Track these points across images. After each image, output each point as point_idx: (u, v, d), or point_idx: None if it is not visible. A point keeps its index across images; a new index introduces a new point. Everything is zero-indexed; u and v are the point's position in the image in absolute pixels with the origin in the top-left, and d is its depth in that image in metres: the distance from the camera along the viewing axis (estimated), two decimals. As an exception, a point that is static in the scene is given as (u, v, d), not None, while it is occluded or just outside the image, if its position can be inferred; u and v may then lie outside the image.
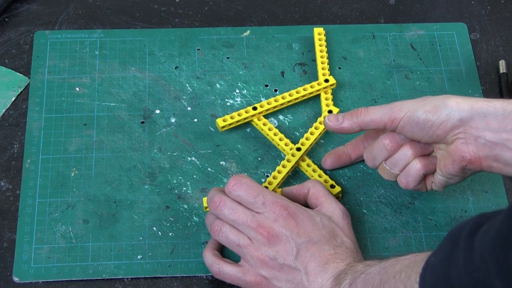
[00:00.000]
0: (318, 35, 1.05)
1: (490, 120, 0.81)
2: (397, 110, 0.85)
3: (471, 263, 0.61)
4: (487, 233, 0.61)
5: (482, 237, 0.61)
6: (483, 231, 0.62)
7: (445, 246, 0.66)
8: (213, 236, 0.86)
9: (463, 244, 0.63)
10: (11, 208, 0.92)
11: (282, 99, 0.99)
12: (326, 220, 0.85)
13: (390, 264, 0.75)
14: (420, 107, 0.84)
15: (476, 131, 0.82)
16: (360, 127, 0.88)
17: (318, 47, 1.04)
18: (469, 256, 0.62)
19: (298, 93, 1.00)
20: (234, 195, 0.85)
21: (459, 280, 0.62)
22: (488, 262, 0.59)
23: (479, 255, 0.60)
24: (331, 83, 1.01)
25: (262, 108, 0.99)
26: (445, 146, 0.85)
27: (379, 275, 0.75)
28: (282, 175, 0.93)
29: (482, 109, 0.81)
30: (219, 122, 0.98)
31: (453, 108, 0.82)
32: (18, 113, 1.00)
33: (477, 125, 0.81)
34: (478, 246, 0.61)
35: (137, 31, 1.07)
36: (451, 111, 0.82)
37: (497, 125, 0.80)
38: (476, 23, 1.10)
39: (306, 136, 0.97)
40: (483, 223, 0.63)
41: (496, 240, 0.59)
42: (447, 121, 0.82)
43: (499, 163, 0.82)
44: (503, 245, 0.58)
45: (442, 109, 0.82)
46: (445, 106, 0.82)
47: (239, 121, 0.98)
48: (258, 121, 0.98)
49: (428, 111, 0.83)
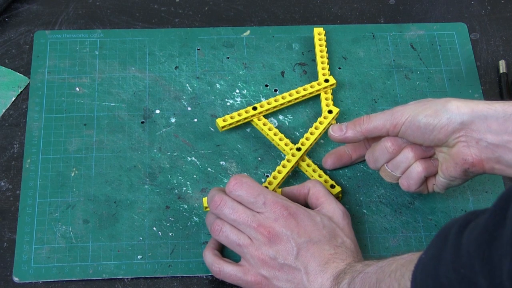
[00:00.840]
0: (318, 35, 1.05)
1: (491, 122, 0.81)
2: (399, 115, 0.85)
3: (458, 259, 0.62)
4: (474, 230, 0.61)
5: (469, 233, 0.62)
6: (470, 227, 0.62)
7: (436, 244, 0.67)
8: (214, 236, 0.86)
9: (452, 241, 0.64)
10: (11, 208, 0.92)
11: (282, 99, 0.99)
12: (326, 220, 0.85)
13: (387, 263, 0.76)
14: (421, 111, 0.84)
15: (477, 133, 0.82)
16: (363, 135, 0.89)
17: (318, 47, 1.04)
18: (456, 253, 0.62)
19: (298, 93, 1.00)
20: (234, 195, 0.85)
21: (446, 276, 0.63)
22: (474, 258, 0.60)
23: (466, 251, 0.61)
24: (331, 83, 1.01)
25: (262, 108, 0.99)
26: (447, 149, 0.85)
27: (376, 274, 0.76)
28: (282, 175, 0.93)
29: (482, 112, 0.81)
30: (219, 122, 0.98)
31: (453, 111, 0.82)
32: (18, 113, 1.00)
33: (478, 128, 0.81)
34: (465, 243, 0.62)
35: (137, 31, 1.07)
36: (452, 114, 0.82)
37: (498, 127, 0.81)
38: (476, 23, 1.10)
39: (306, 136, 0.97)
40: (472, 220, 0.63)
41: (482, 236, 0.60)
42: (448, 124, 0.83)
43: (501, 165, 0.82)
44: (488, 241, 0.59)
45: (443, 113, 0.83)
46: (446, 110, 0.83)
47: (239, 121, 0.98)
48: (258, 121, 0.98)
49: (429, 115, 0.83)
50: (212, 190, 0.88)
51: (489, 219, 0.60)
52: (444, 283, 0.63)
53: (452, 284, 0.62)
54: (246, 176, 0.87)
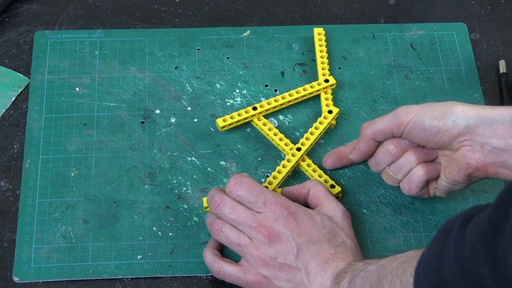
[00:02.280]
0: (318, 35, 1.05)
1: (497, 126, 0.81)
2: (403, 115, 0.85)
3: (461, 253, 0.61)
4: (477, 223, 0.61)
5: (472, 227, 0.62)
6: (474, 221, 0.62)
7: (438, 238, 0.67)
8: (214, 236, 0.86)
9: (454, 235, 0.63)
10: (11, 208, 0.92)
11: (282, 99, 1.00)
12: (326, 220, 0.86)
13: (388, 261, 0.76)
14: (427, 112, 0.84)
15: (482, 138, 0.82)
16: (372, 138, 0.89)
17: (318, 47, 1.04)
18: (459, 246, 0.62)
19: (298, 93, 1.00)
20: (234, 195, 0.85)
21: (449, 271, 0.63)
22: (478, 251, 0.60)
23: (469, 245, 0.61)
24: (331, 83, 1.01)
25: (262, 108, 0.99)
26: (451, 152, 0.85)
27: (377, 272, 0.76)
28: (282, 175, 0.93)
29: (488, 116, 0.81)
30: (219, 122, 0.97)
31: (459, 115, 0.82)
32: (18, 113, 1.00)
33: (484, 132, 0.81)
34: (468, 236, 0.61)
35: (137, 31, 1.07)
36: (457, 118, 0.82)
37: (504, 132, 0.81)
38: (476, 23, 1.10)
39: (306, 136, 0.97)
40: (475, 215, 0.63)
41: (486, 228, 0.59)
42: (453, 127, 0.83)
43: (506, 170, 0.82)
44: (492, 234, 0.59)
45: (448, 116, 0.83)
46: (452, 112, 0.83)
47: (239, 121, 0.98)
48: (258, 121, 0.98)
49: (434, 117, 0.83)
50: (212, 190, 0.88)
51: (492, 212, 0.59)
52: (446, 278, 0.63)
53: (455, 278, 0.62)
54: (246, 176, 0.87)
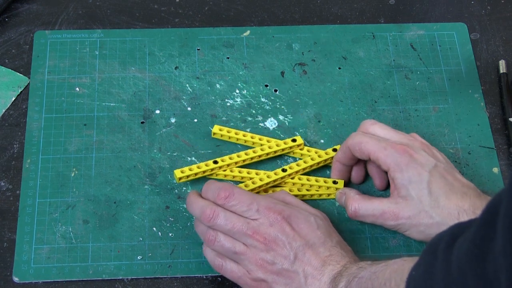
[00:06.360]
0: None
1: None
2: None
3: (449, 276, 0.61)
4: (462, 245, 0.60)
5: (458, 249, 0.61)
6: (459, 243, 0.62)
7: (424, 260, 0.67)
8: (208, 246, 0.85)
9: (441, 257, 0.63)
10: (11, 208, 0.92)
11: (245, 155, 0.95)
12: (320, 220, 0.86)
13: (380, 269, 0.77)
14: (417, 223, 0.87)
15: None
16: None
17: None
18: (446, 269, 0.62)
19: (263, 151, 0.95)
20: (227, 206, 0.84)
21: None
22: (466, 274, 0.59)
23: (457, 268, 0.60)
24: (298, 143, 0.96)
25: (224, 162, 0.94)
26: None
27: (371, 280, 0.76)
28: (258, 185, 0.92)
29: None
30: (177, 173, 0.92)
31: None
32: (18, 113, 1.00)
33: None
34: (455, 259, 0.61)
35: (137, 31, 1.07)
36: None
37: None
38: (476, 23, 1.10)
39: (297, 163, 0.94)
40: (459, 235, 0.63)
41: (472, 251, 0.58)
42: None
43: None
44: (479, 256, 0.58)
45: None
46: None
47: (197, 174, 0.93)
48: (223, 172, 0.94)
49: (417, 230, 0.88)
50: (196, 199, 0.86)
51: (477, 233, 0.58)
52: None
53: None
54: (234, 185, 0.86)
